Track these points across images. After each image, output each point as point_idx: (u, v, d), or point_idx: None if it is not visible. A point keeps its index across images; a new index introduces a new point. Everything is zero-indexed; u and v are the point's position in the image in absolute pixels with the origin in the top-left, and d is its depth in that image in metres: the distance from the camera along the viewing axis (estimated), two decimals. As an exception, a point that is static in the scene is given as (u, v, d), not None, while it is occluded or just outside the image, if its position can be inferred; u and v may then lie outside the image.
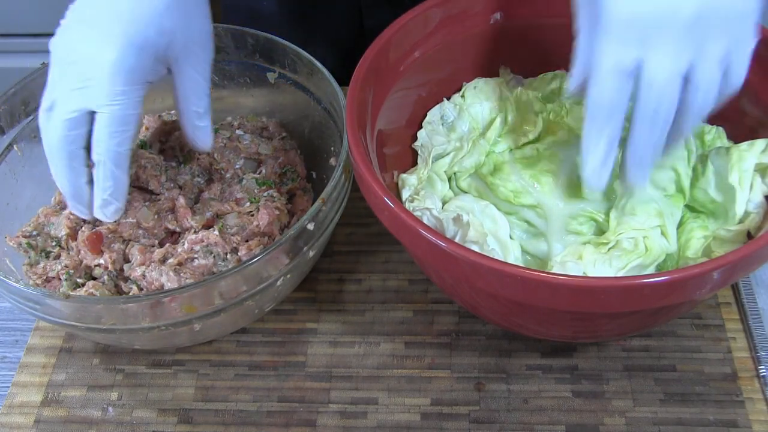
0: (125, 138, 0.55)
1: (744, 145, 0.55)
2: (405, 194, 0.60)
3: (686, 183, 0.56)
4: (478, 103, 0.64)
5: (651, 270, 0.54)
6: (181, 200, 0.63)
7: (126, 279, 0.61)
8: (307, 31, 0.70)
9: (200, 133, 0.61)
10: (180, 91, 0.60)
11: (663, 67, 0.46)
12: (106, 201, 0.58)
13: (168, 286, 0.58)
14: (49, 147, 0.56)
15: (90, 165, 0.57)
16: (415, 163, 0.65)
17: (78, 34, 0.56)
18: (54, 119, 0.55)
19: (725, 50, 0.47)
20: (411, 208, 0.58)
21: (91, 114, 0.55)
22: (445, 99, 0.66)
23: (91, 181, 0.58)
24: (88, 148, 0.56)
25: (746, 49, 0.48)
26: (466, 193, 0.60)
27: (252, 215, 0.63)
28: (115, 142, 0.55)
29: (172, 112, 0.73)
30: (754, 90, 0.58)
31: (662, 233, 0.54)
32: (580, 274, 0.52)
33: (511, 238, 0.56)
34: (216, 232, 0.61)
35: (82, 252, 0.62)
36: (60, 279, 0.61)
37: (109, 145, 0.55)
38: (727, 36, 0.47)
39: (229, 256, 0.61)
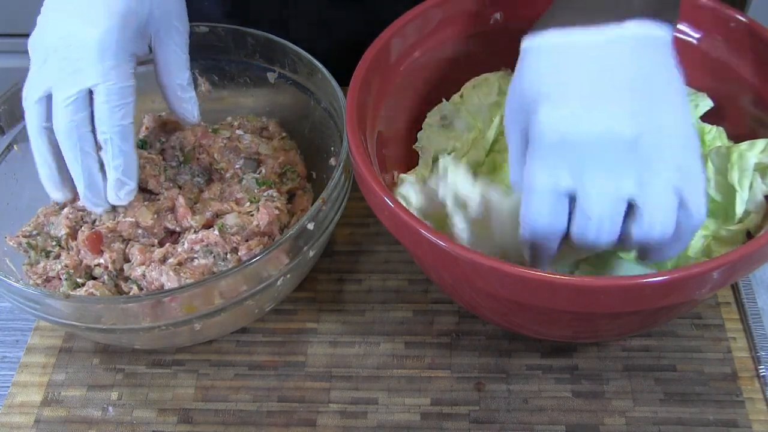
0: (126, 111, 0.56)
1: (744, 144, 0.55)
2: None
3: None
4: (477, 103, 0.64)
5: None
6: (181, 200, 0.63)
7: (126, 279, 0.61)
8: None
9: (186, 104, 0.63)
10: (162, 66, 0.61)
11: (600, 199, 0.44)
12: (119, 182, 0.58)
13: (168, 285, 0.58)
14: (59, 135, 0.56)
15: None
16: (415, 164, 0.65)
17: (58, 22, 0.57)
18: (57, 109, 0.56)
19: (675, 179, 0.44)
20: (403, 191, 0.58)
21: (90, 95, 0.56)
22: (444, 99, 0.66)
23: (101, 170, 0.58)
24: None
25: (699, 180, 0.45)
26: None
27: (252, 215, 0.63)
28: (117, 117, 0.56)
29: (173, 111, 0.73)
30: (754, 90, 0.58)
31: None
32: (580, 274, 0.52)
33: None
34: (216, 232, 0.61)
35: (82, 252, 0.62)
36: (60, 279, 0.61)
37: (112, 120, 0.56)
38: (675, 163, 0.44)
39: (229, 255, 0.61)
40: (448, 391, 0.60)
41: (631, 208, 0.45)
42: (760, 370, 0.59)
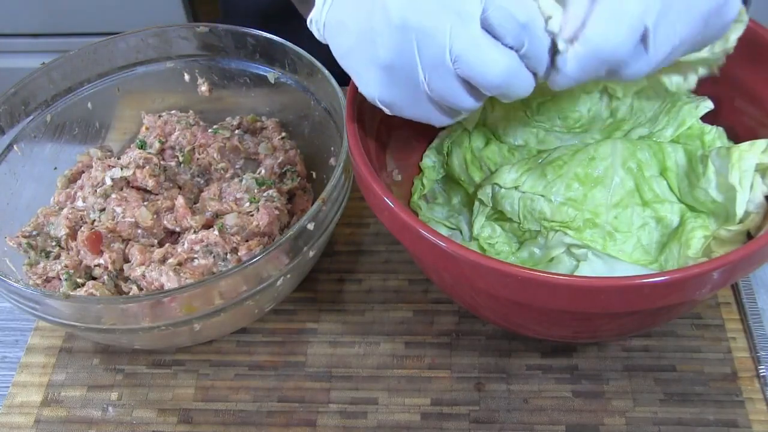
0: None
1: (744, 145, 0.55)
2: None
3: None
4: None
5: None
6: (181, 200, 0.63)
7: (126, 279, 0.61)
8: (302, 32, 0.70)
9: None
10: None
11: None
12: None
13: (168, 286, 0.58)
14: None
15: None
16: (416, 164, 0.65)
17: None
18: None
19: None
20: None
21: None
22: None
23: None
24: None
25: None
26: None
27: (252, 215, 0.63)
28: None
29: (173, 111, 0.73)
30: (754, 90, 0.58)
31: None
32: (580, 274, 0.52)
33: None
34: (216, 232, 0.61)
35: (81, 252, 0.62)
36: (60, 279, 0.61)
37: None
38: None
39: (229, 256, 0.61)
40: (448, 391, 0.60)
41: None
42: (760, 370, 0.60)
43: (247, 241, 0.62)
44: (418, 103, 0.49)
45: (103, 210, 0.63)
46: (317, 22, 0.50)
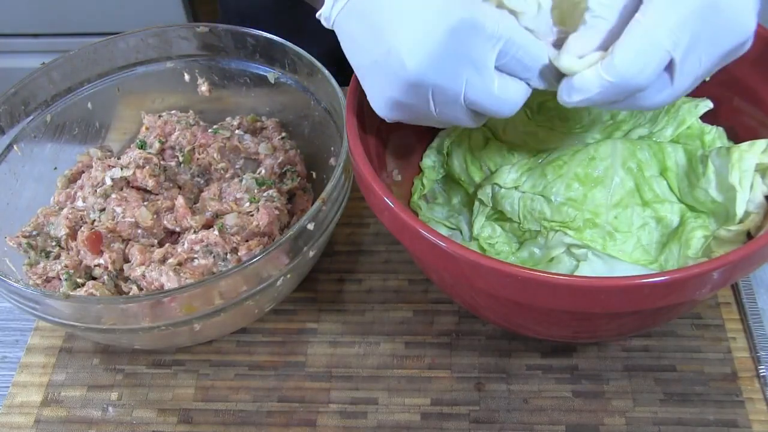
0: None
1: (744, 145, 0.55)
2: None
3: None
4: None
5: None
6: (181, 200, 0.63)
7: (126, 279, 0.61)
8: (299, 26, 0.70)
9: None
10: None
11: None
12: None
13: (168, 286, 0.58)
14: None
15: None
16: (416, 164, 0.65)
17: None
18: None
19: None
20: None
21: None
22: None
23: None
24: None
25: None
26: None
27: (252, 215, 0.63)
28: None
29: (173, 111, 0.73)
30: (754, 90, 0.58)
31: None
32: (580, 274, 0.52)
33: None
34: (216, 232, 0.61)
35: (81, 252, 0.62)
36: (60, 279, 0.61)
37: None
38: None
39: (229, 256, 0.61)
40: (448, 391, 0.60)
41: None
42: (760, 370, 0.60)
43: (247, 241, 0.62)
44: (424, 122, 0.51)
45: (103, 210, 0.63)
46: (326, 19, 0.50)
